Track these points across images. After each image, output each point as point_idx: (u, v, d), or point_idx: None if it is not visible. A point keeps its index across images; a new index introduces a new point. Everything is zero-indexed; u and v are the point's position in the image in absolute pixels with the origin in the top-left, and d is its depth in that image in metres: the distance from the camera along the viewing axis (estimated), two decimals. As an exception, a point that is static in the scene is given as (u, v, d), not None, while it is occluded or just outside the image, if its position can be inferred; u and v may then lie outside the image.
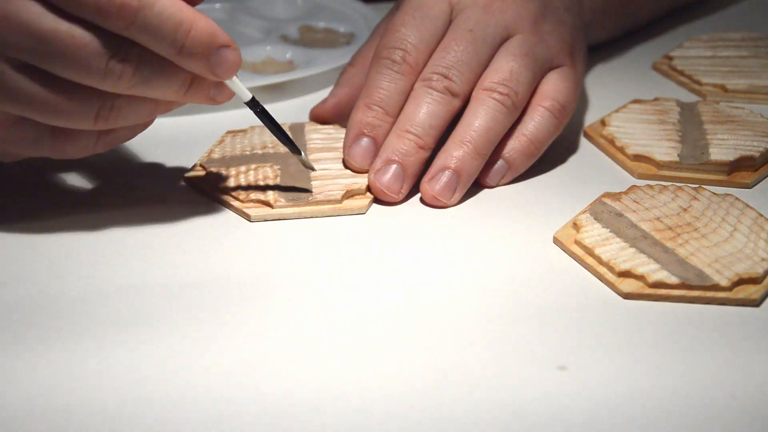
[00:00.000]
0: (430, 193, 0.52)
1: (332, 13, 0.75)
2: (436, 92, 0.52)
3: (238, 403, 0.39)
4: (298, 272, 0.47)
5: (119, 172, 0.55)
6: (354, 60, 0.60)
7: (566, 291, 0.46)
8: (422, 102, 0.52)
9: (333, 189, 0.52)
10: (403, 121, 0.53)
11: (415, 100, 0.53)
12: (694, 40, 0.71)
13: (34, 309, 0.44)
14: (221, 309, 0.45)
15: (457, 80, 0.53)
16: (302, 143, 0.55)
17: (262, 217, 0.51)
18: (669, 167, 0.55)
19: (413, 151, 0.52)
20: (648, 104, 0.61)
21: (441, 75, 0.53)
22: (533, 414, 0.39)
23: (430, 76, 0.53)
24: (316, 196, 0.51)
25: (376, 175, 0.52)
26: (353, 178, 0.53)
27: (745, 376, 0.41)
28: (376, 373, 0.41)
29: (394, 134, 0.52)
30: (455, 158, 0.52)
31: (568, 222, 0.51)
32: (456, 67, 0.53)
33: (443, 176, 0.52)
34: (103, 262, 0.47)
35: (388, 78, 0.53)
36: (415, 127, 0.52)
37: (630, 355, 0.42)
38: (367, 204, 0.52)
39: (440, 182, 0.52)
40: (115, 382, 0.40)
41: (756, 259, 0.47)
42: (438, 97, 0.52)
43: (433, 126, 0.52)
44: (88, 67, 0.43)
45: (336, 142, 0.55)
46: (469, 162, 0.52)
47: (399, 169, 0.52)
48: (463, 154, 0.52)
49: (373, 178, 0.52)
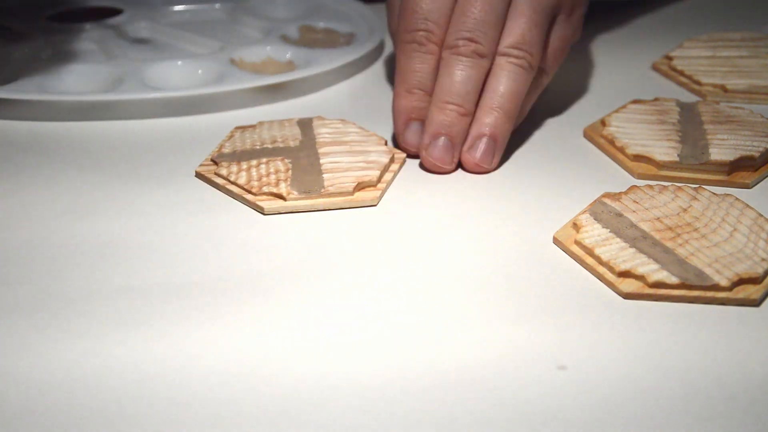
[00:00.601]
0: (472, 161, 0.54)
1: (332, 13, 0.75)
2: (465, 58, 0.54)
3: (243, 403, 0.39)
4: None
5: (125, 170, 0.55)
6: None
7: (566, 291, 0.46)
8: (454, 70, 0.54)
9: (344, 181, 0.52)
10: (440, 93, 0.54)
11: (447, 69, 0.54)
12: (694, 40, 0.71)
13: (34, 309, 0.44)
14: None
15: (483, 41, 0.54)
16: (311, 137, 0.56)
17: (275, 209, 0.51)
18: (669, 167, 0.55)
19: (457, 120, 0.54)
20: (648, 104, 0.61)
21: (466, 39, 0.54)
22: (533, 414, 0.39)
23: (456, 43, 0.54)
24: (328, 189, 0.52)
25: (427, 150, 0.54)
26: (364, 170, 0.53)
27: (745, 376, 0.41)
28: (375, 373, 0.41)
29: (434, 107, 0.54)
30: (488, 125, 0.54)
31: (568, 222, 0.51)
32: (478, 29, 0.54)
33: (481, 143, 0.54)
34: (109, 260, 0.47)
35: (419, 59, 0.55)
36: (453, 96, 0.54)
37: (630, 355, 0.42)
38: (378, 196, 0.53)
39: (479, 149, 0.54)
40: (115, 383, 0.40)
41: (756, 259, 0.47)
42: (468, 62, 0.54)
43: (469, 91, 0.54)
44: None
45: (344, 136, 0.57)
46: (502, 126, 0.55)
47: (447, 140, 0.54)
48: (495, 120, 0.54)
49: (424, 153, 0.54)
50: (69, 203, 0.52)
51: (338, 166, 0.54)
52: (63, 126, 0.60)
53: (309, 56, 0.68)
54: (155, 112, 0.61)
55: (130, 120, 0.61)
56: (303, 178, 0.53)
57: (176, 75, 0.65)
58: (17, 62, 0.65)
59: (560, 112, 0.63)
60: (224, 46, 0.68)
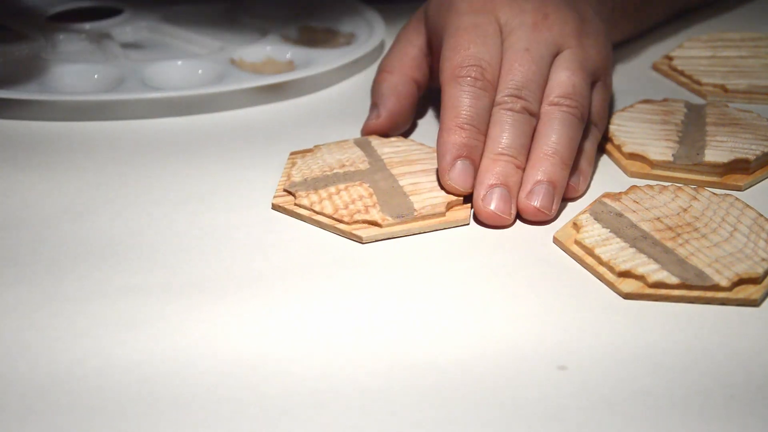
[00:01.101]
0: (532, 207, 0.51)
1: (332, 13, 0.75)
2: (516, 113, 0.53)
3: (240, 403, 0.39)
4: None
5: (125, 170, 0.55)
6: (390, 67, 0.60)
7: (566, 291, 0.46)
8: (506, 125, 0.53)
9: (434, 202, 0.51)
10: (493, 146, 0.52)
11: (498, 125, 0.53)
12: (694, 40, 0.71)
13: (35, 309, 0.44)
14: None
15: (530, 98, 0.53)
16: (377, 158, 0.55)
17: (372, 237, 0.50)
18: (662, 167, 0.55)
19: (512, 171, 0.52)
20: (656, 104, 0.61)
21: (515, 96, 0.53)
22: (533, 414, 0.39)
23: (505, 100, 0.53)
24: (420, 211, 0.51)
25: (483, 202, 0.51)
26: (440, 190, 0.52)
27: (746, 376, 0.41)
28: (375, 373, 0.41)
29: (488, 159, 0.52)
30: (544, 171, 0.52)
31: (568, 222, 0.51)
32: (526, 87, 0.54)
33: (540, 189, 0.52)
34: (109, 260, 0.47)
35: (472, 95, 0.53)
36: (506, 148, 0.52)
37: (630, 355, 0.42)
38: (470, 214, 0.52)
39: (539, 195, 0.51)
40: (115, 382, 0.40)
41: (756, 259, 0.47)
42: (519, 117, 0.53)
43: (522, 145, 0.53)
44: None
45: (410, 154, 0.56)
46: (559, 172, 0.52)
47: (504, 190, 0.51)
48: (552, 166, 0.52)
49: (481, 205, 0.51)
50: (69, 203, 0.52)
51: (420, 187, 0.52)
52: (63, 126, 0.60)
53: (309, 56, 0.68)
54: (155, 112, 0.61)
55: (130, 120, 0.61)
56: (390, 202, 0.51)
57: (176, 75, 0.65)
58: (17, 62, 0.65)
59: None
60: (224, 46, 0.68)
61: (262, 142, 0.59)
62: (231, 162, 0.56)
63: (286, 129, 0.60)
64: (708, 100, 0.64)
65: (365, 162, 0.55)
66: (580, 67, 0.55)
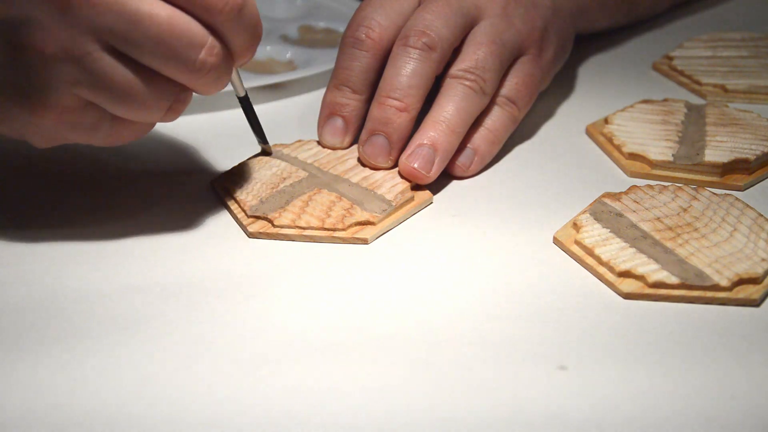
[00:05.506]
0: (408, 166, 0.52)
1: (332, 13, 0.75)
2: (413, 50, 0.53)
3: (240, 404, 0.39)
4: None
5: (125, 170, 0.55)
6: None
7: (566, 291, 0.46)
8: (399, 62, 0.53)
9: (399, 189, 0.52)
10: (382, 88, 0.53)
11: (394, 62, 0.53)
12: (694, 40, 0.71)
13: (34, 309, 0.44)
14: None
15: (435, 35, 0.53)
16: (304, 164, 0.54)
17: (375, 235, 0.50)
18: (662, 167, 0.55)
19: (394, 116, 0.52)
20: (656, 104, 0.61)
21: (419, 31, 0.53)
22: (533, 414, 0.39)
23: (407, 33, 0.53)
24: (394, 201, 0.51)
25: (363, 146, 0.53)
26: (395, 177, 0.53)
27: (745, 376, 0.41)
28: (374, 372, 0.41)
29: (375, 103, 0.53)
30: (429, 136, 0.53)
31: (568, 222, 0.51)
32: (433, 24, 0.53)
33: (420, 151, 0.52)
34: (109, 260, 0.47)
35: (349, 56, 0.54)
36: (393, 91, 0.53)
37: (630, 355, 0.42)
38: (431, 194, 0.53)
39: (419, 157, 0.52)
40: (115, 382, 0.40)
41: (756, 259, 0.47)
42: (416, 54, 0.53)
43: (412, 86, 0.53)
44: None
45: (332, 152, 0.55)
46: (444, 138, 0.53)
47: (383, 138, 0.53)
48: (437, 132, 0.53)
49: (361, 150, 0.53)
50: (69, 203, 0.52)
51: (375, 180, 0.53)
52: (63, 126, 0.60)
53: (309, 56, 0.68)
54: (155, 112, 0.61)
55: (130, 120, 0.61)
56: (364, 200, 0.51)
57: (176, 75, 0.65)
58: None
59: (560, 111, 0.63)
60: (224, 46, 0.68)
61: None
62: (231, 163, 0.56)
63: (286, 129, 0.60)
64: (708, 100, 0.64)
65: (299, 170, 0.53)
66: (492, 40, 0.54)
